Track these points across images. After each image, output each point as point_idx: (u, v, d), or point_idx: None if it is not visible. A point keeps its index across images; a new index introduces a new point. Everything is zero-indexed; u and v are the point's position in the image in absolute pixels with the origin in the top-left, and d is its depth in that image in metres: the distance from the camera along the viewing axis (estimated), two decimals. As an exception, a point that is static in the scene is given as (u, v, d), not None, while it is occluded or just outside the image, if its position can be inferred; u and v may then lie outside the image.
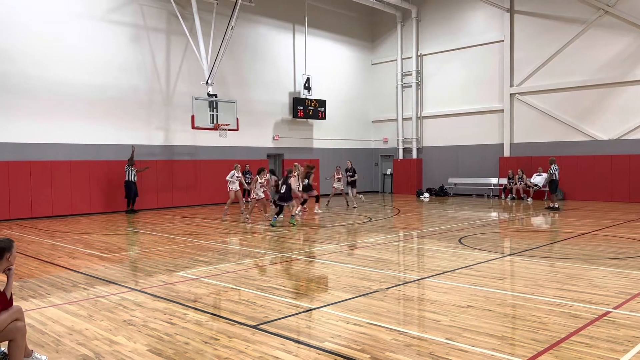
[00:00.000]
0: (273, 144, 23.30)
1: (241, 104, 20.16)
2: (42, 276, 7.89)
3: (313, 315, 5.69)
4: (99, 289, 6.98)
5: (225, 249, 10.34)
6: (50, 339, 4.97)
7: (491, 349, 4.51)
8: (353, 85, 27.04)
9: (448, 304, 5.96)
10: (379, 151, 27.85)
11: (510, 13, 22.53)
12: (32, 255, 9.78)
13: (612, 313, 5.54)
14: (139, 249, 10.56)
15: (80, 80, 17.13)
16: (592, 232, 11.89)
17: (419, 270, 8.19)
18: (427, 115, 25.80)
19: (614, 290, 6.53)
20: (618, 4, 19.68)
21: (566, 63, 21.06)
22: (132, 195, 17.57)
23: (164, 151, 19.42)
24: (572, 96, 21.04)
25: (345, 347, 4.64)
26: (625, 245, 10.02)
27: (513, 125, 22.84)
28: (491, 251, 9.56)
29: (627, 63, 19.65)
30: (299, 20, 24.01)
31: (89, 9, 17.38)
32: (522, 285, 6.88)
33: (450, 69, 24.76)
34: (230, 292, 6.72)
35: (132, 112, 18.46)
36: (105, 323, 5.44)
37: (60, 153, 16.84)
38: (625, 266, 8.03)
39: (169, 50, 19.58)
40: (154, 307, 6.02)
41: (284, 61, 23.71)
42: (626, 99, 19.75)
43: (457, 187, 24.65)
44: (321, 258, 9.23)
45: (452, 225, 13.49)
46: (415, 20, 25.61)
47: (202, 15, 18.85)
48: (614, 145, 20.13)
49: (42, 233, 13.01)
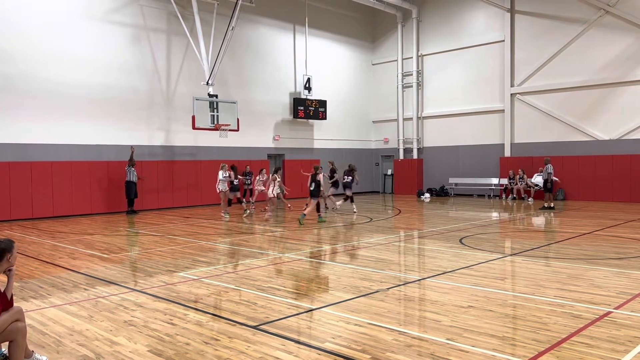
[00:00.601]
0: (274, 145, 23.30)
1: (242, 104, 20.16)
2: (42, 277, 7.89)
3: (314, 315, 5.69)
4: (100, 290, 6.98)
5: (225, 250, 10.33)
6: (50, 340, 4.97)
7: (492, 350, 4.51)
8: (353, 86, 27.03)
9: (449, 304, 5.95)
10: (380, 151, 27.84)
11: (510, 13, 22.52)
12: (33, 255, 9.78)
13: (613, 313, 5.53)
14: (139, 250, 10.56)
15: (81, 81, 17.14)
16: (593, 232, 11.88)
17: (420, 271, 8.18)
18: (428, 116, 25.79)
19: (615, 290, 6.52)
20: (619, 4, 19.66)
21: (567, 63, 21.05)
22: (132, 196, 17.58)
23: (164, 152, 19.42)
24: (573, 96, 21.03)
25: (346, 347, 4.63)
26: (627, 246, 10.01)
27: (514, 126, 22.82)
28: (492, 251, 9.55)
29: (628, 63, 19.63)
30: (300, 21, 24.01)
31: (89, 9, 17.39)
32: (523, 286, 6.87)
33: (451, 69, 24.75)
34: (231, 293, 6.72)
35: (132, 112, 18.47)
36: (105, 324, 5.44)
37: (61, 154, 16.85)
38: (626, 266, 8.02)
39: (169, 50, 19.58)
40: (155, 308, 6.02)
41: (285, 61, 23.71)
42: (627, 99, 19.73)
43: (458, 188, 24.63)
44: (322, 258, 9.23)
45: (452, 226, 13.48)
46: (416, 20, 25.60)
47: (202, 16, 18.85)
48: (615, 145, 20.11)
49: (43, 234, 13.01)
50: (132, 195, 17.55)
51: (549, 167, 17.62)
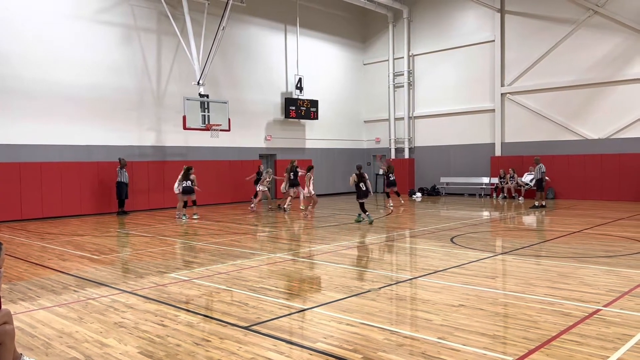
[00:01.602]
0: (265, 145, 23.26)
1: (233, 104, 20.11)
2: (31, 278, 7.82)
3: (305, 315, 5.68)
4: (90, 291, 6.93)
5: (217, 250, 10.29)
6: (39, 342, 4.93)
7: (483, 348, 4.53)
8: (345, 86, 27.05)
9: (440, 303, 5.97)
10: (372, 151, 27.88)
11: (500, 13, 22.64)
12: (22, 257, 9.69)
13: (603, 311, 5.58)
14: (130, 251, 10.49)
15: (70, 81, 17.01)
16: (582, 231, 11.97)
17: (411, 270, 8.20)
18: (419, 115, 25.87)
19: (604, 288, 6.57)
20: (607, 4, 19.83)
21: (556, 63, 21.20)
22: (123, 197, 17.48)
23: (155, 152, 19.32)
24: (563, 96, 21.19)
25: (337, 347, 4.63)
26: (615, 244, 10.10)
27: (504, 125, 22.95)
28: (483, 250, 9.59)
29: (616, 63, 19.81)
30: (291, 21, 23.99)
31: (79, 9, 17.26)
32: (514, 284, 6.91)
33: (442, 69, 24.85)
34: (222, 293, 6.70)
35: (123, 112, 18.35)
36: (95, 325, 5.40)
37: (50, 154, 16.71)
38: (615, 264, 8.09)
39: (160, 50, 19.49)
40: (145, 309, 5.99)
41: (276, 61, 23.67)
42: (616, 98, 19.91)
43: (449, 187, 24.73)
44: (314, 258, 9.23)
45: (444, 225, 13.53)
46: (407, 20, 25.67)
47: (193, 16, 18.77)
48: (603, 145, 20.29)
49: (32, 235, 12.90)
50: (123, 196, 17.44)
51: (541, 167, 17.76)
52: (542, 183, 17.83)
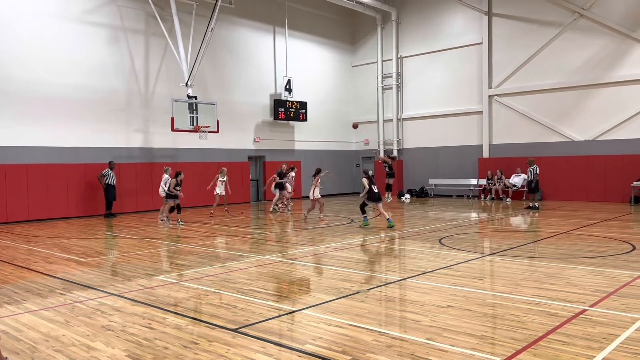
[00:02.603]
0: (254, 146, 23.21)
1: (221, 105, 20.05)
2: (17, 282, 7.72)
3: (294, 317, 5.68)
4: (77, 294, 6.86)
5: (205, 252, 10.25)
6: (25, 346, 4.87)
7: (471, 349, 4.55)
8: (334, 87, 27.09)
9: (428, 304, 5.99)
10: (360, 152, 27.94)
11: (488, 16, 22.82)
12: (7, 260, 9.57)
13: (589, 311, 5.64)
14: (117, 253, 10.41)
15: (57, 82, 16.85)
16: (569, 232, 12.10)
17: (400, 271, 8.23)
18: (408, 117, 25.97)
19: (590, 288, 6.64)
20: (593, 8, 20.08)
21: (543, 65, 21.41)
22: (112, 199, 17.34)
23: (143, 154, 19.19)
24: (549, 98, 21.40)
25: (326, 349, 4.63)
26: (601, 244, 10.21)
27: (492, 127, 23.12)
28: (471, 251, 9.65)
29: (602, 65, 20.05)
30: (280, 22, 23.98)
31: (66, 10, 17.11)
32: (501, 285, 6.96)
33: (430, 71, 24.98)
34: (211, 296, 6.67)
35: (110, 114, 18.21)
36: (82, 329, 5.35)
37: (36, 156, 16.53)
38: (601, 265, 8.18)
39: (147, 51, 19.37)
40: (133, 312, 5.94)
41: (265, 63, 23.64)
42: (602, 100, 20.15)
43: (438, 188, 24.84)
44: (302, 260, 9.22)
45: (432, 226, 13.59)
46: (395, 22, 25.78)
47: (181, 17, 18.69)
48: (590, 146, 20.52)
49: (18, 238, 12.74)
50: (112, 198, 17.31)
51: (535, 168, 17.86)
52: (532, 184, 17.89)
